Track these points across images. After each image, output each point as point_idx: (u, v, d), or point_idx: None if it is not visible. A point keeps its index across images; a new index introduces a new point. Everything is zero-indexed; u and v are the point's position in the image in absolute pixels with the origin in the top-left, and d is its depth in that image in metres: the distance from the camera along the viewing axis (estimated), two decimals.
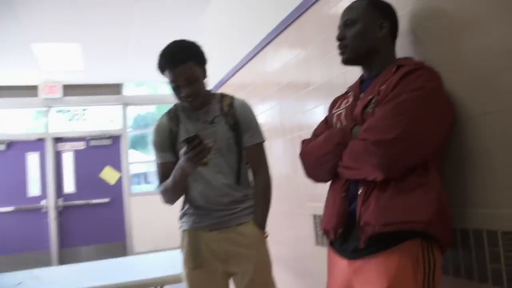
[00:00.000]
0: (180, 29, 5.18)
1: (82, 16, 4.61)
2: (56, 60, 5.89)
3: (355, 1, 1.61)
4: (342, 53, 1.58)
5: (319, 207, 2.42)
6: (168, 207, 2.07)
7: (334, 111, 1.68)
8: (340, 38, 1.57)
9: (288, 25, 2.77)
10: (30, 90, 6.85)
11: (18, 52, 5.44)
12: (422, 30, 1.63)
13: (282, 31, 2.88)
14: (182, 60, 1.84)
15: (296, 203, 2.80)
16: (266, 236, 2.01)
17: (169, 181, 1.91)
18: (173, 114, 2.04)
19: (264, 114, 3.26)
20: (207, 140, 1.70)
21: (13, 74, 6.39)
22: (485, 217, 1.37)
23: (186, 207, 2.06)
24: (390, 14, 1.56)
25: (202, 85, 1.95)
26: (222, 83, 4.28)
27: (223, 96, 2.06)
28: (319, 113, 2.43)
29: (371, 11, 1.53)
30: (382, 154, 1.29)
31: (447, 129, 1.40)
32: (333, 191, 1.55)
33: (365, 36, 1.52)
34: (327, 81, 2.33)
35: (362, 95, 1.54)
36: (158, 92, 7.96)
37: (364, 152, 1.34)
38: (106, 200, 7.13)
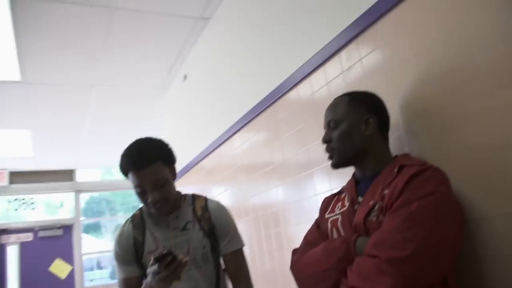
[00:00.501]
0: (137, 115, 5.10)
1: (34, 102, 4.43)
2: (3, 146, 5.57)
3: (337, 98, 1.51)
4: (330, 157, 1.46)
5: None
6: None
7: (327, 216, 1.50)
8: (326, 140, 1.46)
9: (257, 115, 2.68)
10: None
11: None
12: (416, 122, 1.53)
13: (249, 121, 2.80)
14: (148, 161, 1.60)
15: None
16: None
17: None
18: (137, 221, 1.78)
19: (227, 194, 3.07)
20: (181, 255, 1.45)
21: None
22: None
23: None
24: (376, 107, 1.45)
25: (172, 188, 1.71)
26: (185, 170, 4.08)
27: (195, 197, 1.84)
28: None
29: (354, 108, 1.43)
30: (398, 274, 1.11)
31: (462, 236, 1.25)
32: None
33: (351, 137, 1.41)
34: (288, 160, 2.19)
35: (360, 198, 1.39)
36: (113, 176, 7.64)
37: (376, 272, 1.15)
38: None
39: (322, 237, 1.48)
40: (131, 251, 1.72)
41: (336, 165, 1.46)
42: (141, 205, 1.75)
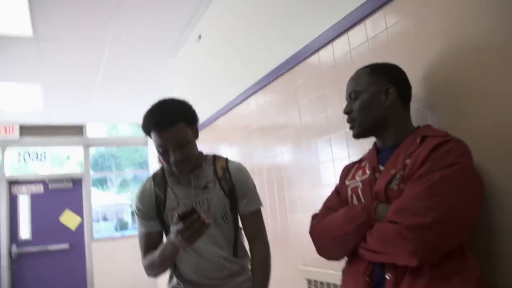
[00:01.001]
0: (149, 74, 5.09)
1: (45, 58, 4.41)
2: (14, 100, 5.58)
3: (358, 70, 1.54)
4: (351, 128, 1.51)
5: (314, 272, 2.34)
6: (133, 254, 1.84)
7: (348, 183, 1.55)
8: (347, 112, 1.50)
9: (276, 77, 2.68)
10: None
11: None
12: (440, 95, 1.55)
13: (266, 84, 2.81)
14: (171, 122, 1.63)
15: (288, 264, 2.64)
16: None
17: (156, 256, 1.69)
18: (159, 179, 1.83)
19: (241, 155, 3.13)
20: (204, 214, 1.51)
21: None
22: None
23: (174, 281, 1.84)
24: (396, 78, 1.47)
25: (194, 148, 1.75)
26: (201, 127, 4.11)
27: (215, 158, 1.88)
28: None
29: (374, 79, 1.46)
30: (418, 240, 1.17)
31: (480, 207, 1.30)
32: (354, 275, 1.40)
33: (371, 107, 1.44)
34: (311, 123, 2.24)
35: (381, 167, 1.43)
36: (119, 131, 7.70)
37: (397, 237, 1.21)
38: (65, 246, 6.70)
39: (342, 203, 1.53)
40: (153, 208, 1.78)
41: (357, 135, 1.50)
42: (154, 161, 1.79)
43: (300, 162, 2.50)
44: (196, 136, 1.78)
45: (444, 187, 1.19)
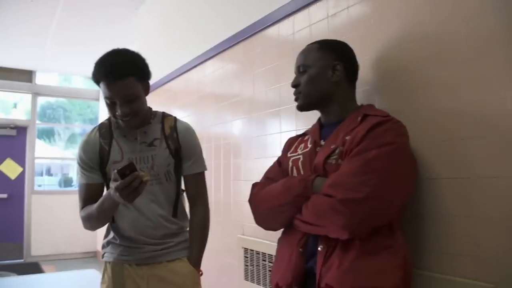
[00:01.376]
0: (108, 25, 4.90)
1: None
2: None
3: (308, 45, 1.55)
4: (296, 99, 1.53)
5: (252, 241, 2.37)
6: (73, 209, 1.80)
7: (289, 155, 1.57)
8: (295, 85, 1.52)
9: (233, 44, 2.64)
10: None
11: None
12: (388, 80, 1.58)
13: (224, 49, 2.78)
14: (121, 75, 1.57)
15: (226, 232, 2.66)
16: (201, 275, 1.84)
17: (94, 208, 1.66)
18: (105, 130, 1.78)
19: (191, 119, 3.11)
20: (142, 172, 1.48)
21: None
22: (439, 282, 1.34)
23: (111, 235, 1.82)
24: (345, 56, 1.50)
25: (143, 103, 1.71)
26: (153, 88, 4.02)
27: (165, 116, 1.85)
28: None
29: (323, 54, 1.47)
30: (350, 214, 1.21)
31: (412, 187, 1.36)
32: (288, 245, 1.43)
33: (318, 81, 1.46)
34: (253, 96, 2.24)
35: (322, 142, 1.45)
36: (72, 83, 7.42)
37: (330, 210, 1.24)
38: (3, 195, 6.49)
39: (282, 174, 1.55)
40: (96, 158, 1.74)
41: (301, 108, 1.52)
42: (105, 117, 1.74)
43: (249, 132, 2.50)
44: (147, 92, 1.73)
45: (379, 164, 1.23)
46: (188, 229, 1.86)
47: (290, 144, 1.64)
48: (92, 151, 1.75)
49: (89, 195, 1.75)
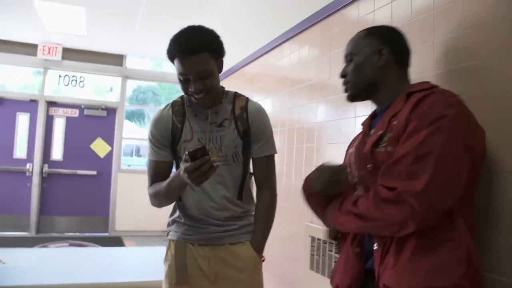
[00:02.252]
0: (193, 9, 4.97)
1: None
2: (58, 21, 5.62)
3: (357, 33, 1.47)
4: (345, 90, 1.46)
5: (319, 229, 2.29)
6: None
7: (349, 151, 1.50)
8: (342, 75, 1.46)
9: (311, 25, 2.55)
10: (29, 48, 6.55)
11: (20, 7, 5.14)
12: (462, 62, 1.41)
13: (301, 31, 2.69)
14: (196, 50, 1.55)
15: (294, 219, 2.60)
16: (263, 261, 1.79)
17: (162, 186, 1.66)
18: (178, 108, 1.76)
19: (267, 103, 3.07)
20: (213, 157, 1.47)
21: (13, 29, 6.09)
22: None
23: (177, 214, 1.82)
24: (390, 38, 1.40)
25: (216, 81, 1.67)
26: (229, 72, 4.05)
27: (236, 96, 1.80)
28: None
29: (369, 40, 1.40)
30: (415, 203, 1.09)
31: (478, 161, 1.20)
32: (345, 243, 1.39)
33: (364, 68, 1.38)
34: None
35: (372, 131, 1.36)
36: (162, 68, 7.69)
37: (392, 202, 1.13)
38: (93, 172, 6.91)
39: None
40: (168, 136, 1.73)
41: (351, 98, 1.45)
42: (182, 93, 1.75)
43: (324, 116, 2.41)
44: (220, 69, 1.69)
45: (432, 145, 1.11)
46: (253, 213, 1.82)
47: (353, 140, 1.56)
48: (164, 128, 1.74)
49: (157, 172, 1.75)
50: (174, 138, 1.73)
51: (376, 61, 1.36)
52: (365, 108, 2.00)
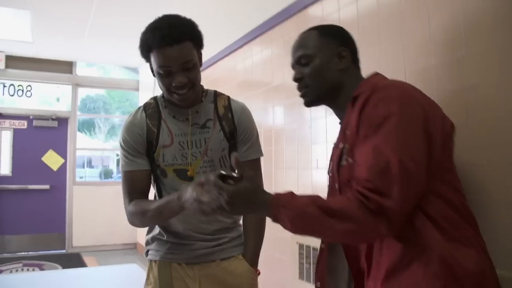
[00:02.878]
0: (145, 12, 4.77)
1: None
2: (0, 26, 5.26)
3: (304, 33, 1.38)
4: (303, 95, 1.35)
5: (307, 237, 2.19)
6: (114, 200, 1.66)
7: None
8: (298, 78, 1.34)
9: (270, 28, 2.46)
10: None
11: None
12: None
13: (258, 35, 2.61)
14: (179, 38, 1.38)
15: (278, 225, 2.48)
16: (258, 274, 1.64)
17: (152, 207, 1.44)
18: (152, 110, 1.57)
19: None
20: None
21: None
22: None
23: (157, 231, 1.62)
24: (347, 38, 1.36)
25: (199, 75, 1.49)
26: None
27: (217, 94, 1.63)
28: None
29: (326, 41, 1.32)
30: (391, 218, 1.01)
31: (440, 138, 1.11)
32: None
33: (325, 71, 1.30)
34: None
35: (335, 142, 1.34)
36: (111, 75, 7.43)
37: (373, 212, 1.01)
38: (46, 186, 6.56)
39: None
40: (143, 142, 1.53)
41: (310, 103, 1.36)
42: (139, 105, 1.56)
43: (281, 120, 2.38)
44: (200, 63, 1.51)
45: (388, 153, 1.03)
46: (241, 222, 1.67)
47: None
48: (138, 133, 1.53)
49: (135, 185, 1.54)
50: (150, 144, 1.53)
51: (337, 64, 1.30)
52: (319, 111, 1.94)
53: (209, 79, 3.54)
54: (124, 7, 4.65)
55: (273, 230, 2.45)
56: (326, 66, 1.30)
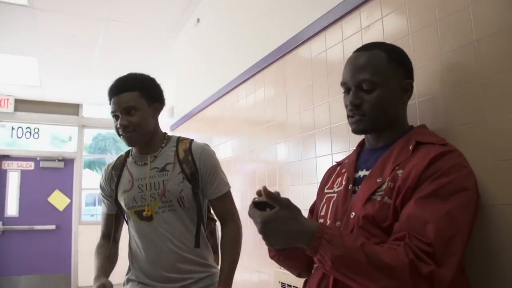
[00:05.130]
0: (147, 54, 4.95)
1: (41, 29, 4.29)
2: (9, 72, 5.47)
3: (369, 51, 1.23)
4: (356, 121, 1.21)
5: (290, 275, 2.19)
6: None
7: (326, 191, 1.35)
8: (358, 104, 1.20)
9: (266, 66, 2.53)
10: None
11: None
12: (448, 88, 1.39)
13: (256, 73, 2.67)
14: (125, 88, 1.63)
15: (262, 265, 2.49)
16: None
17: (95, 262, 1.74)
18: (119, 162, 1.81)
19: (228, 146, 3.00)
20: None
21: None
22: None
23: (131, 272, 1.75)
24: (411, 69, 1.25)
25: (144, 120, 1.65)
26: (189, 116, 3.99)
27: (180, 140, 1.77)
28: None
29: (394, 69, 1.19)
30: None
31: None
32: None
33: (388, 104, 1.19)
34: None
35: (360, 172, 1.22)
36: None
37: (423, 279, 0.92)
38: (52, 227, 6.60)
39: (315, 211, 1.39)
40: (108, 190, 1.78)
41: (362, 131, 1.24)
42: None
43: (285, 157, 2.35)
44: (155, 113, 1.72)
45: (459, 225, 0.97)
46: (212, 264, 1.75)
47: (329, 175, 1.41)
48: (106, 182, 1.78)
49: (107, 225, 1.81)
50: (113, 191, 1.74)
51: (400, 97, 1.20)
52: (325, 147, 1.97)
53: (207, 119, 3.61)
54: (125, 52, 4.83)
55: (256, 272, 2.49)
56: (391, 98, 1.19)
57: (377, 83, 1.17)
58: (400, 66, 1.21)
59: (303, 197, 2.13)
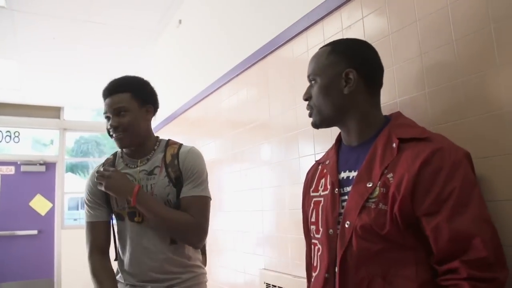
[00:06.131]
0: (129, 56, 4.91)
1: (20, 32, 4.21)
2: None
3: (320, 49, 1.29)
4: (310, 115, 1.27)
5: (275, 276, 2.19)
6: None
7: (312, 194, 1.33)
8: (305, 98, 1.28)
9: (249, 67, 2.53)
10: None
11: None
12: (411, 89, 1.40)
13: (239, 74, 2.67)
14: (116, 89, 1.65)
15: (247, 265, 2.49)
16: None
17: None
18: (108, 164, 1.76)
19: (211, 147, 2.99)
20: None
21: None
22: None
23: (119, 275, 1.73)
24: (361, 59, 1.21)
25: (135, 121, 1.64)
26: (171, 118, 3.96)
27: (169, 144, 1.75)
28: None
29: (334, 59, 1.21)
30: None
31: None
32: None
33: (329, 94, 1.20)
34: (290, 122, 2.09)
35: (343, 174, 1.21)
36: (102, 118, 7.49)
37: None
38: (33, 232, 6.48)
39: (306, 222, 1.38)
40: (100, 193, 1.70)
41: (315, 125, 1.27)
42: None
43: (269, 158, 2.35)
44: (147, 115, 1.71)
45: (485, 215, 1.00)
46: (198, 264, 1.74)
47: (312, 176, 1.38)
48: (95, 186, 1.70)
49: (96, 236, 1.68)
50: (105, 193, 1.69)
51: (341, 87, 1.19)
52: (307, 147, 1.97)
53: (189, 120, 3.60)
54: (107, 53, 4.78)
55: (240, 273, 2.48)
56: (329, 87, 1.20)
57: (316, 75, 1.24)
58: (342, 55, 1.21)
59: (287, 197, 2.13)
